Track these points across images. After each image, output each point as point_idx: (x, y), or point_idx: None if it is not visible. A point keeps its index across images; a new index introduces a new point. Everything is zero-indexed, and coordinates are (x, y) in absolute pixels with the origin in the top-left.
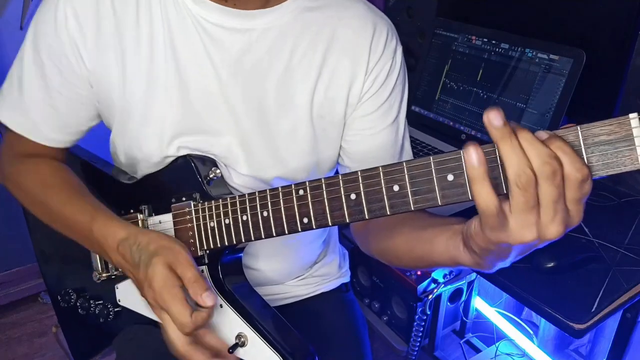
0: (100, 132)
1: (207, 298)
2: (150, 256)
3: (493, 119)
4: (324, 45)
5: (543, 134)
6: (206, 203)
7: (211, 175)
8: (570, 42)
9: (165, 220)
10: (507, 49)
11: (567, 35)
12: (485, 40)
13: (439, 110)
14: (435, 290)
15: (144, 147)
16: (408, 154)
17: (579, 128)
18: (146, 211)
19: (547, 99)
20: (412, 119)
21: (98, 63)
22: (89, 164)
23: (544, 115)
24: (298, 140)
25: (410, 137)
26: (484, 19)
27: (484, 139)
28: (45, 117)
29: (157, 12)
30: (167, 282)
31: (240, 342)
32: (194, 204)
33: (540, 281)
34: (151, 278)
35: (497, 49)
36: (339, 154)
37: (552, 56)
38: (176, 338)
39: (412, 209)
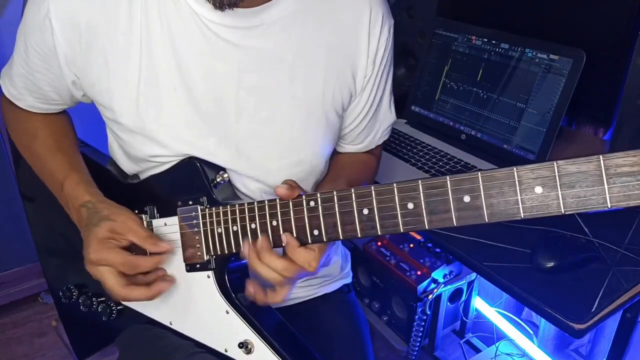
0: (98, 126)
1: (163, 245)
2: (100, 219)
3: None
4: (327, 33)
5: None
6: (214, 208)
7: (218, 179)
8: (570, 42)
9: (170, 224)
10: (507, 49)
11: (567, 35)
12: (485, 40)
13: (439, 110)
14: (435, 290)
15: (143, 148)
16: (387, 122)
17: (601, 157)
18: (150, 212)
19: (547, 99)
20: (412, 119)
21: (86, 70)
22: (91, 160)
23: (544, 115)
24: (311, 130)
25: (411, 137)
26: (484, 19)
27: (483, 139)
28: (30, 90)
29: (154, 14)
30: (104, 241)
31: (246, 349)
32: (200, 209)
33: (540, 281)
34: (94, 236)
35: (497, 49)
36: None
37: (552, 56)
38: (114, 286)
39: (427, 228)
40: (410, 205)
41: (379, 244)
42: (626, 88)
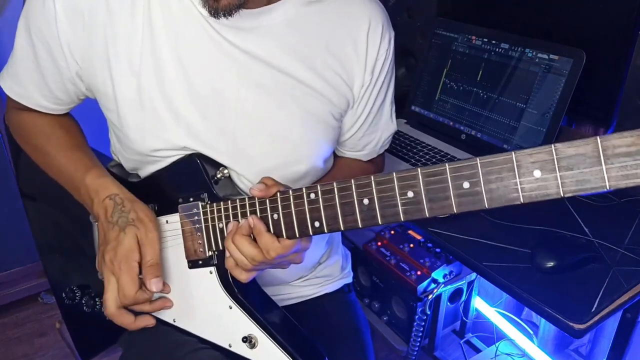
0: (99, 128)
1: (154, 284)
2: (127, 223)
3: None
4: (326, 40)
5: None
6: (214, 204)
7: (219, 175)
8: (570, 42)
9: (172, 221)
10: (507, 49)
11: (567, 35)
12: (485, 40)
13: (439, 110)
14: (435, 290)
15: (143, 141)
16: (388, 132)
17: (598, 139)
18: (153, 211)
19: (547, 99)
20: (412, 119)
21: (88, 59)
22: None
23: (544, 115)
24: (309, 131)
25: (411, 137)
26: (484, 19)
27: (483, 139)
28: (37, 86)
29: (156, 10)
30: (130, 255)
31: (250, 343)
32: (202, 205)
33: (540, 281)
34: (119, 243)
35: (497, 49)
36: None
37: (552, 56)
38: (110, 301)
39: (427, 215)
40: (410, 194)
41: (379, 244)
42: (626, 88)
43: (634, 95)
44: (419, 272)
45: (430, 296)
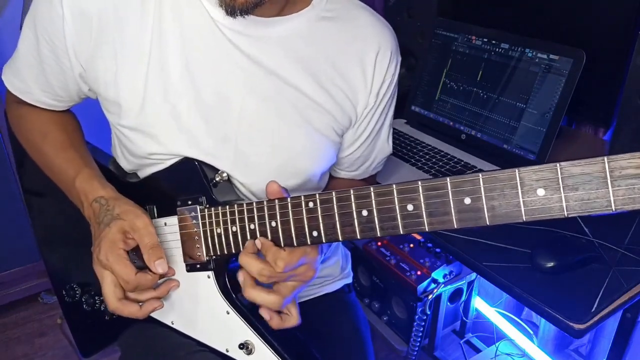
0: (100, 124)
1: (159, 266)
2: (111, 218)
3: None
4: (334, 58)
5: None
6: (213, 209)
7: (217, 179)
8: (570, 42)
9: (170, 224)
10: (507, 49)
11: (567, 35)
12: (485, 40)
13: (439, 110)
14: (435, 290)
15: (142, 145)
16: (383, 153)
17: (605, 159)
18: (150, 212)
19: (547, 99)
20: (412, 119)
21: (93, 63)
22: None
23: (544, 115)
24: (310, 145)
25: (411, 137)
26: (484, 19)
27: (483, 139)
28: (38, 83)
29: (168, 13)
30: (114, 244)
31: (247, 350)
32: (200, 209)
33: (540, 281)
34: (103, 237)
35: (497, 49)
36: None
37: (552, 56)
38: (109, 295)
39: (427, 230)
40: (410, 207)
41: (379, 244)
42: (626, 88)
43: (634, 95)
44: (419, 272)
45: (430, 296)
